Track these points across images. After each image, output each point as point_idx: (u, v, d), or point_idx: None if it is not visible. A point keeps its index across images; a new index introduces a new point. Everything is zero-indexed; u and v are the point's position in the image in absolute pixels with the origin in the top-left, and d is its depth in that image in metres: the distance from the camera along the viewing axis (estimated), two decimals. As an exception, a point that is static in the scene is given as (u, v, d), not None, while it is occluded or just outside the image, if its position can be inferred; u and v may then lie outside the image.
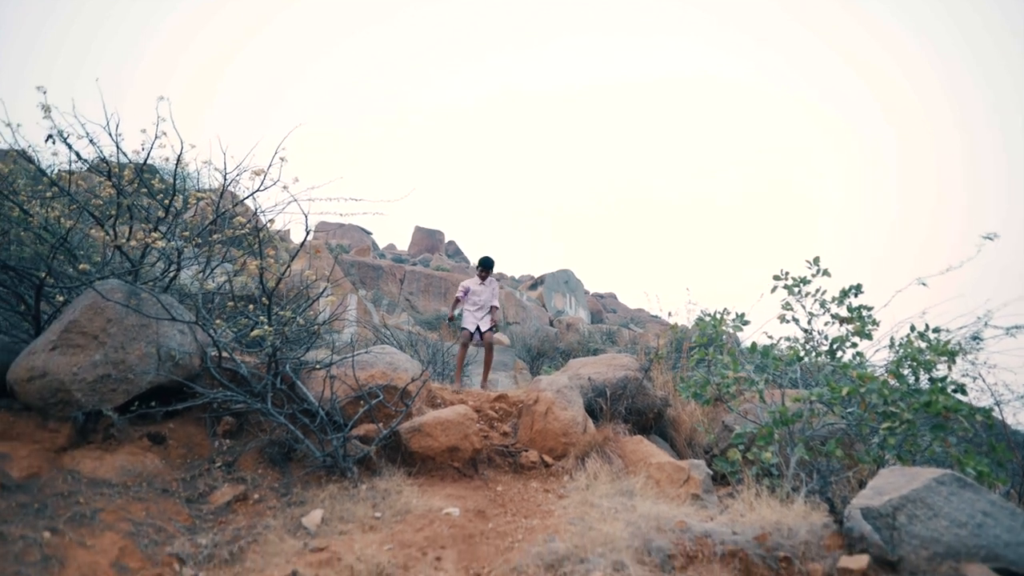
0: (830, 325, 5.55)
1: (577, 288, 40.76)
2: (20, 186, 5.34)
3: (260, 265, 5.07)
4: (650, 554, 3.13)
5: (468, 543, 3.74)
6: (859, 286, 5.46)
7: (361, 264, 31.83)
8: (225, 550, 3.56)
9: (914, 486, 3.05)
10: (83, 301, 4.62)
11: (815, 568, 2.93)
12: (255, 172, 5.17)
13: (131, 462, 4.28)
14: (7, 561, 2.96)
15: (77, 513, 3.52)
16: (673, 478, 4.82)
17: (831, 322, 5.54)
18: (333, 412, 5.12)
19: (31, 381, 4.29)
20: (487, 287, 8.30)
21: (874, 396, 4.61)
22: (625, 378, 6.89)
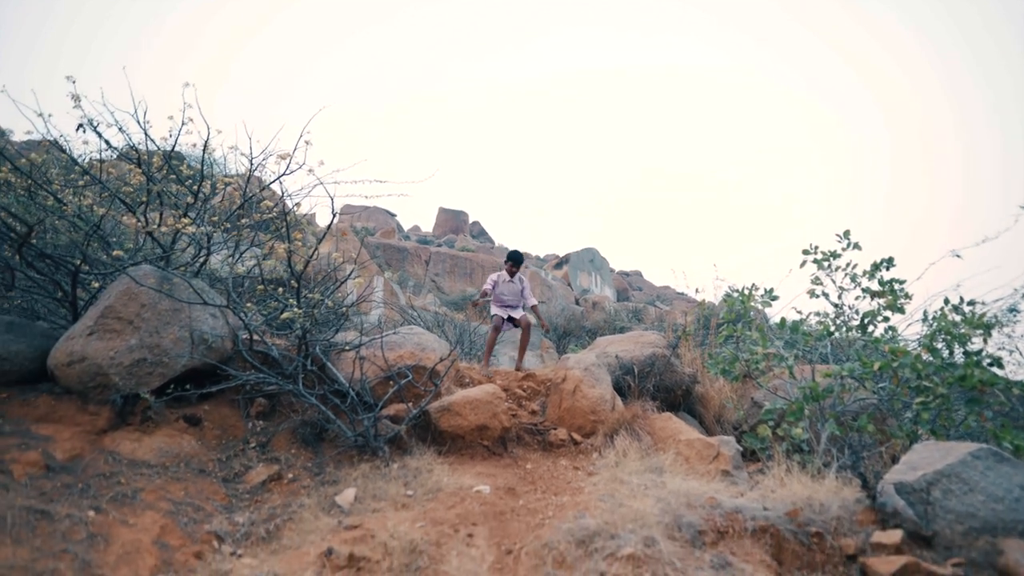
0: (861, 299, 5.45)
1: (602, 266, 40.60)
2: (53, 175, 5.45)
3: (288, 248, 5.12)
4: (680, 530, 3.14)
5: (499, 520, 3.78)
6: (891, 259, 5.36)
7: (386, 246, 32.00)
8: (262, 528, 3.64)
9: (949, 460, 3.01)
10: (117, 287, 4.71)
11: (848, 543, 2.92)
12: (281, 156, 5.20)
13: (168, 443, 4.39)
14: (55, 539, 3.06)
15: (119, 493, 3.62)
16: (702, 455, 4.81)
17: (862, 296, 5.44)
18: (363, 392, 5.18)
19: (71, 365, 4.40)
20: (516, 284, 7.63)
21: (907, 370, 4.54)
22: (653, 355, 6.87)
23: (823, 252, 5.65)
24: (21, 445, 3.85)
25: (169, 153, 5.51)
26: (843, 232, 5.58)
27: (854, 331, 5.44)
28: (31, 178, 5.00)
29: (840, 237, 5.59)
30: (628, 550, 2.89)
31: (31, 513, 3.18)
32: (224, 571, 2.84)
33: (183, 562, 3.17)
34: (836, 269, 5.60)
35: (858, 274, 5.47)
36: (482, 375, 6.58)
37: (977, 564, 2.60)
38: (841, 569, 2.85)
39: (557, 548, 3.10)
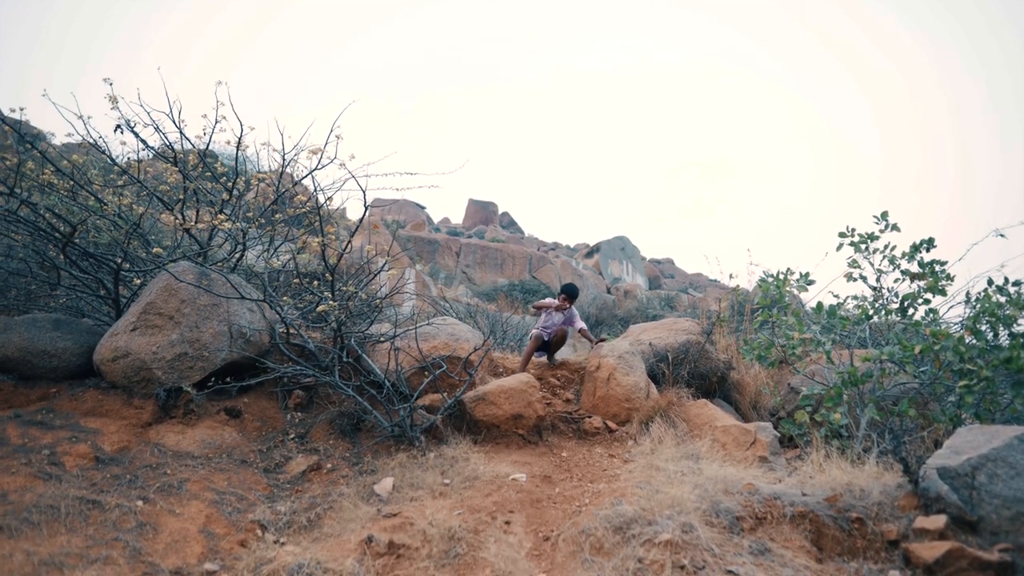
0: (900, 282, 5.34)
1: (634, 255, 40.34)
2: (94, 176, 5.60)
3: (321, 242, 5.19)
4: (718, 516, 3.13)
5: (536, 507, 3.80)
6: (931, 240, 5.23)
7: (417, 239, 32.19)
8: (303, 517, 3.72)
9: (994, 444, 2.95)
10: (158, 283, 4.83)
11: (889, 529, 2.88)
12: (312, 151, 5.27)
13: (211, 435, 4.50)
14: (106, 527, 3.16)
15: (165, 483, 3.72)
16: (739, 441, 4.78)
17: (901, 279, 5.32)
18: (398, 383, 5.24)
19: (115, 361, 4.53)
20: (565, 316, 6.90)
21: (949, 353, 4.44)
22: (687, 342, 6.82)
23: (860, 234, 5.54)
24: (72, 438, 3.98)
25: (204, 151, 5.61)
26: (881, 213, 5.47)
27: (893, 314, 5.34)
28: (73, 179, 5.13)
29: (878, 219, 5.48)
30: (666, 536, 2.89)
31: (83, 503, 3.29)
32: (268, 559, 2.91)
33: (228, 550, 3.26)
34: (874, 251, 5.49)
35: (897, 256, 5.36)
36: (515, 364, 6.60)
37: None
38: (883, 555, 2.81)
39: (594, 535, 3.11)
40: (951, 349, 4.40)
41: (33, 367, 4.66)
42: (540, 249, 40.40)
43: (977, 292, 4.93)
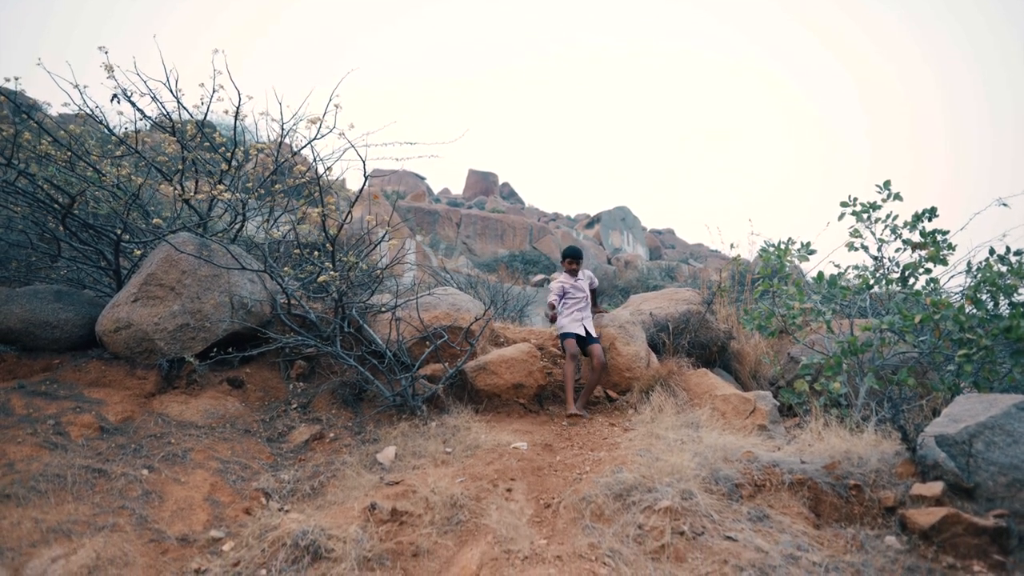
0: (901, 251, 5.32)
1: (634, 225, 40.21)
2: (91, 147, 5.55)
3: (322, 213, 5.17)
4: (717, 483, 3.16)
5: (537, 475, 3.84)
6: (933, 209, 5.20)
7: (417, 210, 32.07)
8: (307, 485, 3.76)
9: (992, 412, 2.96)
10: (158, 254, 4.82)
11: (887, 496, 2.91)
12: (311, 120, 5.22)
13: (214, 405, 4.53)
14: (113, 496, 3.20)
15: (170, 453, 3.76)
16: (739, 410, 4.81)
17: (903, 248, 5.30)
18: (400, 353, 5.26)
19: (117, 332, 4.54)
20: (584, 282, 6.06)
21: (949, 323, 4.45)
22: (687, 312, 6.83)
23: (862, 204, 5.51)
24: (76, 408, 4.01)
25: (202, 121, 5.56)
26: (883, 183, 5.43)
27: (894, 284, 5.33)
28: (71, 150, 5.09)
29: (880, 188, 5.45)
30: (665, 503, 2.93)
31: (89, 472, 3.33)
32: (273, 526, 2.94)
33: (233, 517, 3.30)
34: (876, 221, 5.46)
35: (899, 225, 5.33)
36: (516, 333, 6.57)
37: (1021, 515, 2.58)
38: (880, 521, 2.85)
39: (595, 502, 3.15)
40: (951, 318, 4.41)
41: (35, 338, 4.68)
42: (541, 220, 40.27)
43: (979, 262, 4.93)
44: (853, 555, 2.58)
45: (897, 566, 2.47)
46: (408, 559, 2.87)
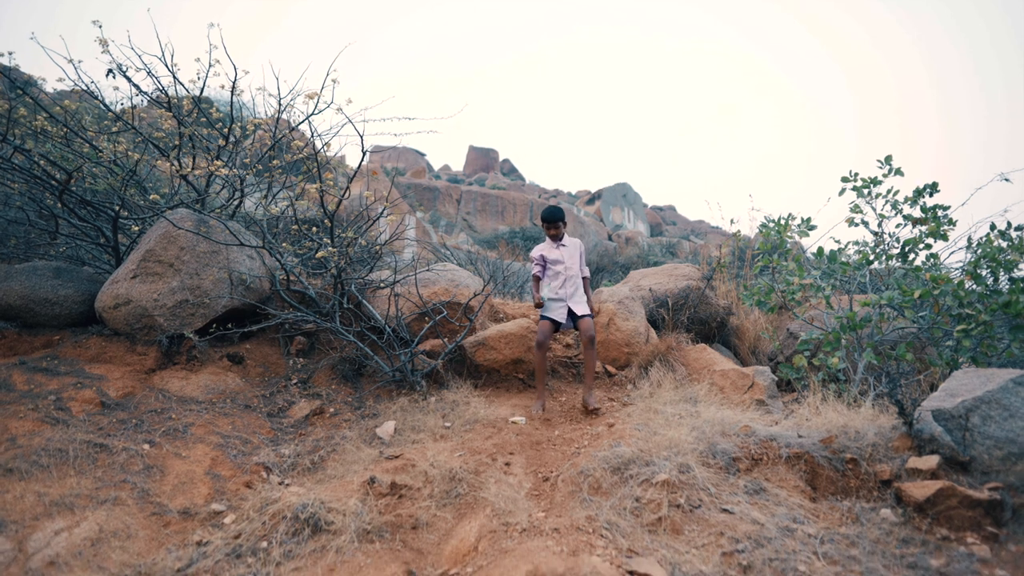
0: (902, 227, 5.30)
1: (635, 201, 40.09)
2: (87, 123, 5.51)
3: (320, 188, 5.14)
4: (715, 457, 3.18)
5: (535, 449, 3.87)
6: (935, 184, 5.18)
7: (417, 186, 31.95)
8: (307, 459, 3.79)
9: (989, 387, 2.97)
10: (157, 231, 4.81)
11: (883, 469, 2.92)
12: (308, 96, 5.17)
13: (214, 381, 4.55)
14: (115, 470, 3.22)
15: (171, 428, 3.78)
16: (737, 385, 4.83)
17: (903, 224, 5.28)
18: (399, 329, 5.27)
19: (117, 308, 4.55)
20: (571, 250, 5.04)
21: (948, 298, 4.45)
22: (687, 288, 6.83)
23: (863, 179, 5.48)
24: (77, 384, 4.03)
25: (198, 97, 5.52)
26: (885, 158, 5.40)
27: (894, 260, 5.32)
28: (67, 126, 5.06)
29: (881, 163, 5.42)
30: (663, 476, 2.95)
31: (91, 447, 3.35)
32: (273, 499, 2.97)
33: (234, 491, 3.33)
34: (876, 196, 5.44)
35: (899, 201, 5.31)
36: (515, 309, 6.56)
37: (1015, 488, 2.60)
38: (875, 494, 2.87)
39: (593, 475, 3.17)
40: (950, 294, 4.41)
41: (35, 315, 4.69)
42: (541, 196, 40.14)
43: (979, 237, 4.91)
44: (848, 527, 2.61)
45: (891, 538, 2.49)
46: (407, 531, 2.90)
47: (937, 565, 2.25)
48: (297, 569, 2.54)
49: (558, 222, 4.98)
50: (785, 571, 2.25)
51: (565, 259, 4.97)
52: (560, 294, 4.90)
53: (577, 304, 4.87)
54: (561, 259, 4.97)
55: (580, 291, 4.97)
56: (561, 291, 4.90)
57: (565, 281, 4.92)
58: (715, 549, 2.47)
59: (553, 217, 4.99)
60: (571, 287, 4.93)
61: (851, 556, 2.36)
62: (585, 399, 4.63)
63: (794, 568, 2.27)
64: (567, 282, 4.92)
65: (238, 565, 2.54)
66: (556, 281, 4.94)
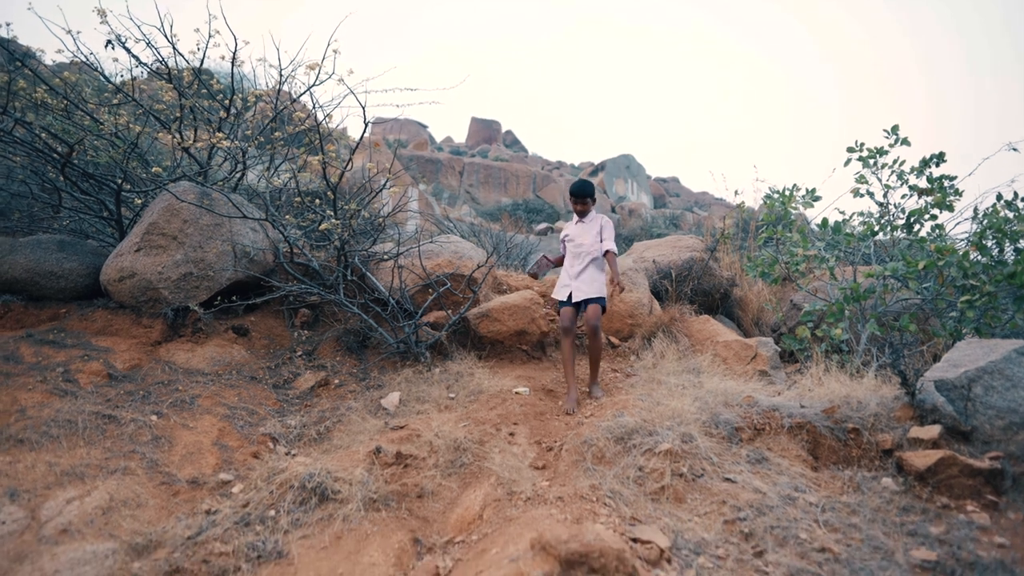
0: (908, 198, 5.26)
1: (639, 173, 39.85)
2: (87, 95, 5.48)
3: (322, 160, 5.12)
4: (717, 427, 3.20)
5: (539, 420, 3.90)
6: (941, 154, 5.13)
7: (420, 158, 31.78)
8: (313, 430, 3.82)
9: (992, 357, 2.98)
10: (159, 204, 4.80)
11: (884, 439, 2.95)
12: (309, 66, 5.13)
13: (220, 353, 4.58)
14: (123, 441, 3.26)
15: (178, 399, 3.82)
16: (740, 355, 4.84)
17: (909, 194, 5.24)
18: (403, 301, 5.28)
19: (122, 281, 4.56)
20: (590, 226, 4.65)
21: (953, 269, 4.44)
22: (690, 259, 6.82)
23: (869, 149, 5.43)
24: (84, 356, 4.05)
25: (198, 68, 5.47)
26: (891, 127, 5.35)
27: (899, 231, 5.30)
28: (67, 98, 5.03)
29: (888, 133, 5.36)
30: (666, 446, 2.97)
31: (99, 418, 3.38)
32: (280, 469, 3.01)
33: (242, 461, 3.37)
34: (882, 167, 5.39)
35: (905, 171, 5.27)
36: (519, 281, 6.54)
37: (1016, 457, 2.61)
38: (877, 463, 2.89)
39: (596, 445, 3.20)
40: (955, 265, 4.39)
41: (41, 288, 4.71)
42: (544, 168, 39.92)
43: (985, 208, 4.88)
44: (849, 496, 2.63)
45: (892, 506, 2.51)
46: (413, 500, 2.94)
47: (937, 532, 2.28)
48: (305, 537, 2.58)
49: (586, 198, 4.64)
50: (786, 539, 2.28)
51: (577, 237, 4.64)
52: (568, 272, 4.61)
53: (579, 286, 4.47)
54: (574, 237, 4.67)
55: (589, 272, 4.52)
56: (571, 270, 4.59)
57: (574, 260, 4.59)
58: (717, 517, 2.50)
59: (580, 192, 4.65)
60: (579, 266, 4.55)
61: (852, 524, 2.39)
62: (591, 390, 4.42)
63: (795, 536, 2.30)
64: (576, 260, 4.58)
65: (247, 533, 2.58)
66: (568, 259, 4.67)
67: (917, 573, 2.06)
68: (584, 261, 4.52)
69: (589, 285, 4.43)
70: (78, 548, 2.46)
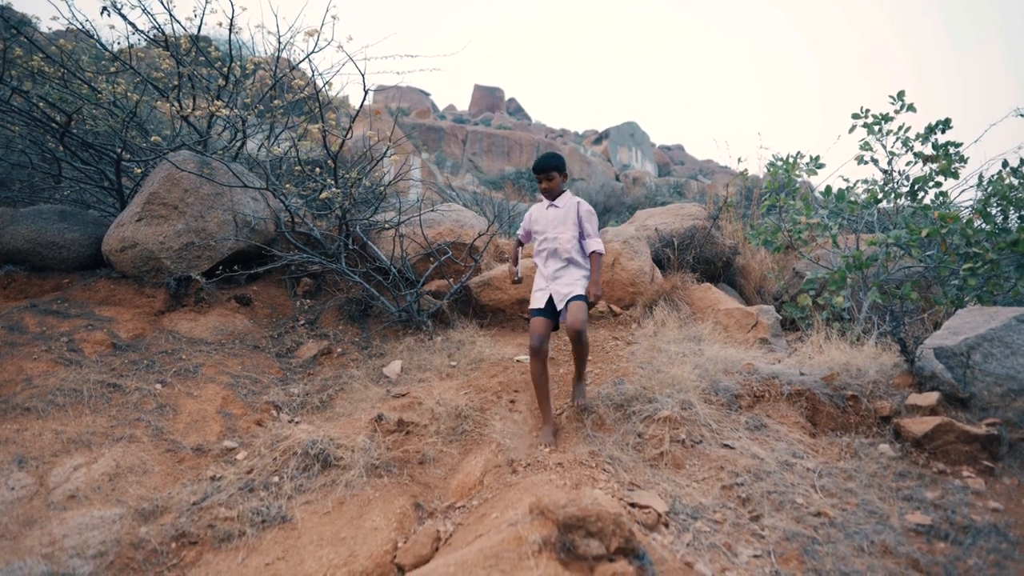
0: (912, 165, 5.21)
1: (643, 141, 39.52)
2: (85, 63, 5.43)
3: (322, 128, 5.09)
4: (717, 394, 3.22)
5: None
6: (947, 121, 5.07)
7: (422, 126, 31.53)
8: (316, 398, 3.86)
9: (992, 325, 2.98)
10: (159, 173, 4.79)
11: (883, 405, 2.97)
12: (308, 33, 5.07)
13: (223, 322, 4.60)
14: (128, 409, 3.30)
15: (182, 368, 3.85)
16: (741, 323, 4.85)
17: (913, 161, 5.20)
18: (405, 270, 5.29)
19: (124, 251, 4.57)
20: (565, 214, 3.51)
21: (956, 237, 4.41)
22: (693, 227, 6.79)
23: (874, 115, 5.37)
24: (88, 326, 4.08)
25: (196, 35, 5.41)
26: (897, 93, 5.28)
27: (903, 198, 5.26)
28: (64, 67, 4.98)
29: (893, 99, 5.30)
30: (665, 413, 3.00)
31: (104, 387, 3.42)
32: (284, 436, 3.04)
33: (246, 429, 3.41)
34: (887, 133, 5.34)
35: (911, 138, 5.21)
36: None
37: (1013, 423, 2.63)
38: (875, 430, 2.91)
39: (596, 412, 3.23)
40: (958, 232, 4.37)
41: (43, 258, 4.72)
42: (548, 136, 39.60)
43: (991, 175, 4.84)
44: (846, 462, 2.66)
45: (888, 471, 2.54)
46: (414, 466, 2.97)
47: (932, 497, 2.31)
48: (308, 502, 2.62)
49: (551, 171, 3.52)
50: (783, 503, 2.31)
51: (550, 228, 3.52)
52: (544, 272, 3.51)
53: (558, 288, 3.40)
54: (545, 228, 3.54)
55: (569, 271, 3.44)
56: (546, 270, 3.50)
57: (550, 258, 3.50)
58: (715, 483, 2.53)
59: (544, 166, 3.53)
60: (553, 265, 3.47)
61: (848, 489, 2.42)
62: (574, 392, 3.53)
63: (792, 500, 2.33)
64: (552, 259, 3.49)
65: (251, 498, 2.62)
66: (542, 258, 3.55)
67: (911, 536, 2.08)
68: (558, 259, 3.47)
69: (570, 286, 3.37)
70: (86, 513, 2.50)
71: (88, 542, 2.34)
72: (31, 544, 2.32)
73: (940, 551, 2.00)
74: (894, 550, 2.01)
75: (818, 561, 1.97)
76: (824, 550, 2.02)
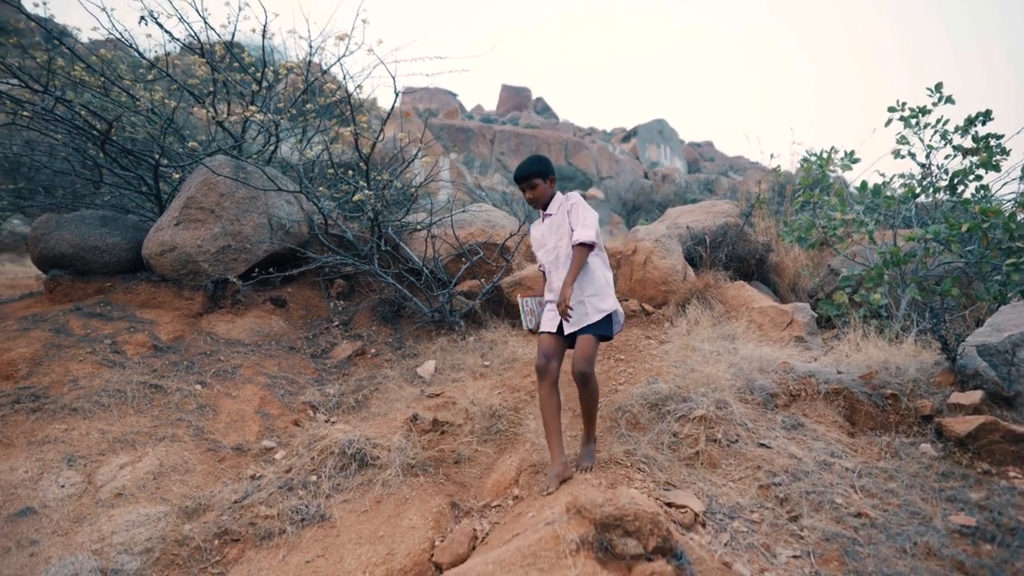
0: (951, 158, 5.09)
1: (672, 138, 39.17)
2: (123, 71, 5.56)
3: (354, 131, 5.14)
4: (752, 393, 3.19)
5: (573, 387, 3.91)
6: (988, 112, 4.95)
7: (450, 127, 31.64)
8: (351, 398, 3.91)
9: (1038, 321, 2.92)
10: (196, 178, 4.89)
11: (924, 404, 2.91)
12: (339, 37, 5.13)
13: (259, 324, 4.68)
14: (170, 409, 3.38)
15: (220, 369, 3.93)
16: (776, 322, 4.79)
17: (953, 155, 5.07)
18: (437, 270, 5.32)
19: (163, 255, 4.68)
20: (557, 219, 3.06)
21: (998, 231, 4.31)
22: (725, 225, 6.72)
23: (911, 108, 5.26)
24: (130, 328, 4.18)
25: (230, 41, 5.51)
26: (935, 85, 5.17)
27: (942, 192, 5.14)
28: (104, 75, 5.11)
29: (931, 91, 5.18)
30: (700, 412, 2.98)
31: (147, 387, 3.50)
32: (321, 436, 3.09)
33: (283, 428, 3.47)
34: (925, 126, 5.22)
35: (949, 131, 5.09)
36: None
37: (1061, 422, 2.57)
38: (915, 429, 2.86)
39: (630, 411, 3.22)
40: (1000, 226, 4.27)
41: (86, 262, 4.85)
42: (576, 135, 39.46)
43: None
44: (887, 461, 2.62)
45: (931, 472, 2.49)
46: (450, 466, 3.00)
47: (977, 498, 2.26)
48: (346, 501, 2.66)
49: (532, 179, 3.05)
50: (822, 504, 2.28)
51: (548, 239, 3.09)
52: (553, 290, 3.05)
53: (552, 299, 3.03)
54: (543, 240, 3.12)
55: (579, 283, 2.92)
56: (554, 284, 3.05)
57: (555, 271, 3.05)
58: (752, 482, 2.51)
59: (524, 174, 3.09)
60: (559, 277, 2.99)
61: (889, 489, 2.38)
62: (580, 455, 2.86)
63: (831, 500, 2.30)
64: (556, 271, 3.03)
65: (290, 497, 2.67)
66: (550, 275, 3.10)
67: (955, 538, 2.05)
68: (564, 268, 2.96)
69: (582, 306, 2.87)
70: (132, 510, 2.57)
71: (135, 539, 2.41)
72: (82, 540, 2.39)
73: (986, 553, 1.96)
74: (938, 552, 1.97)
75: (859, 563, 1.94)
76: (865, 551, 2.00)
